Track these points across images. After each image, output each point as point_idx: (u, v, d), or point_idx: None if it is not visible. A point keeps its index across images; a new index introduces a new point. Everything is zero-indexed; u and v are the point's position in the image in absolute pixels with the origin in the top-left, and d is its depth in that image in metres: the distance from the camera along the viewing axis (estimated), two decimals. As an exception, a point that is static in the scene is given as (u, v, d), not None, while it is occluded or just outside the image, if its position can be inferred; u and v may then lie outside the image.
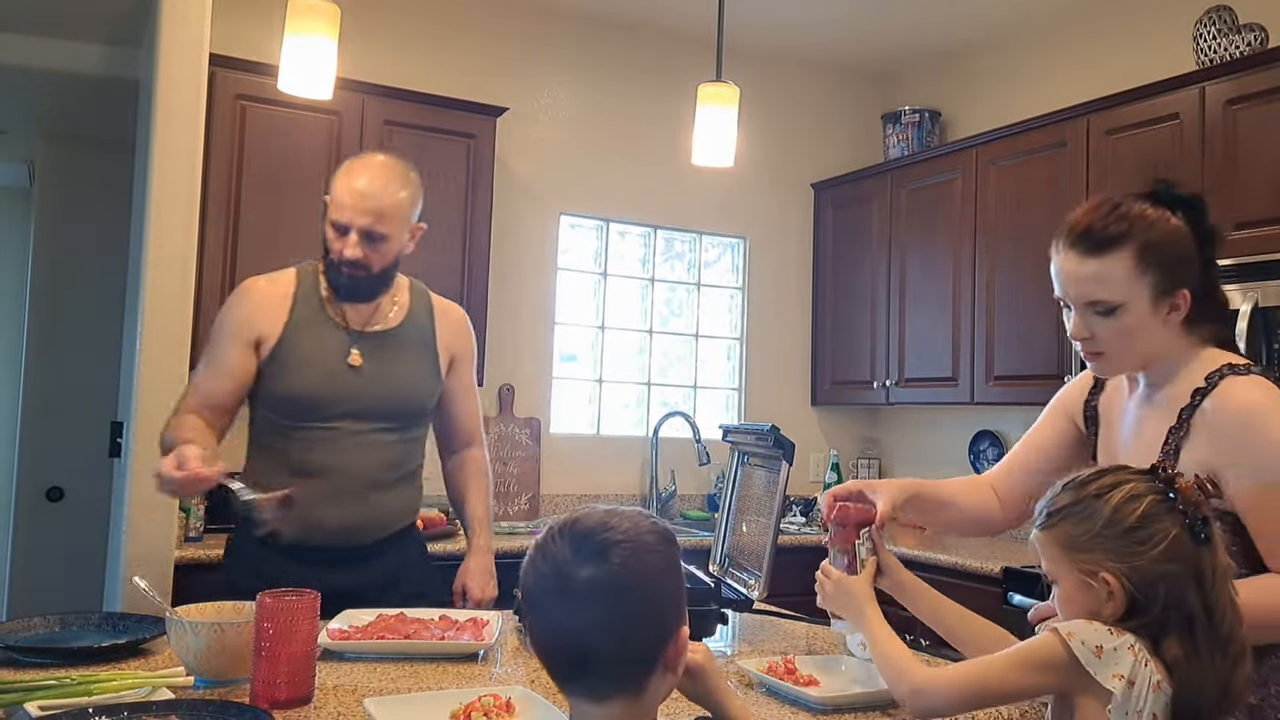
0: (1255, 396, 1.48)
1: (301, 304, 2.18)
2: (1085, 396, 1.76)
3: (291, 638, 1.46)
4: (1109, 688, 1.17)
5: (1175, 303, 1.53)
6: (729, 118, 2.69)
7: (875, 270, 4.38)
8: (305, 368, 2.14)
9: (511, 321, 4.13)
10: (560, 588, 1.04)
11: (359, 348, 2.18)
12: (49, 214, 4.88)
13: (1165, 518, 1.23)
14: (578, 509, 1.11)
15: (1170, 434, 1.53)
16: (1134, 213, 1.53)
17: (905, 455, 4.64)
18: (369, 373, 2.17)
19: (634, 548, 1.05)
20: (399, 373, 2.23)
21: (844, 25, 4.34)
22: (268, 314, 2.16)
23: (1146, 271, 1.51)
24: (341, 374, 2.15)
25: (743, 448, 2.29)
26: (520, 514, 4.03)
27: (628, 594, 1.03)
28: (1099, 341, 1.56)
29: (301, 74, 2.21)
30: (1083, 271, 1.53)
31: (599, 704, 1.06)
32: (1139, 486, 1.26)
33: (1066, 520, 1.28)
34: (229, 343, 2.15)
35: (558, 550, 1.06)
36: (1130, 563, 1.22)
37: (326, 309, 2.19)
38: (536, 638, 1.08)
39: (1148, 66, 3.53)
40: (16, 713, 1.40)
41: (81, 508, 4.69)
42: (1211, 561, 1.23)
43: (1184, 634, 1.21)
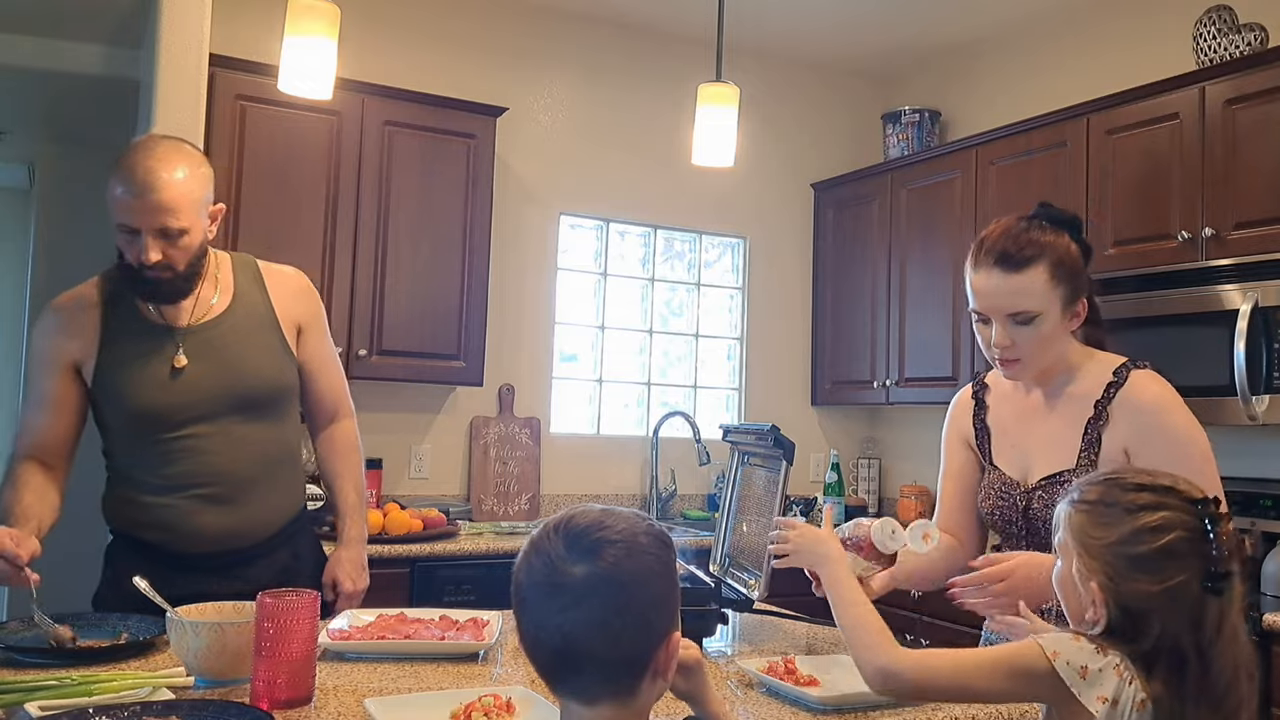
0: (1161, 390, 1.71)
1: (112, 314, 2.00)
2: (971, 417, 1.93)
3: (292, 638, 1.46)
4: (1092, 710, 1.15)
5: (1077, 310, 1.76)
6: (729, 118, 2.69)
7: (875, 270, 4.38)
8: (132, 382, 1.96)
9: (512, 321, 4.13)
10: (552, 584, 1.03)
11: (185, 346, 1.99)
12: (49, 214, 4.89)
13: (1183, 558, 1.18)
14: (574, 507, 1.11)
15: (1089, 424, 1.73)
16: (1044, 235, 1.74)
17: (905, 455, 4.64)
18: (198, 370, 1.99)
19: (627, 548, 1.04)
20: (237, 361, 2.02)
21: (844, 25, 4.34)
22: (78, 334, 1.98)
23: (1059, 284, 1.71)
24: (167, 381, 1.97)
25: (743, 448, 2.29)
26: (520, 514, 4.03)
27: (619, 594, 1.03)
28: (1017, 349, 1.73)
29: (301, 74, 2.21)
30: (1006, 286, 1.71)
31: (589, 706, 1.06)
32: (1173, 517, 1.19)
33: (1089, 515, 1.24)
34: (46, 373, 1.99)
35: (551, 547, 1.05)
36: (1120, 587, 1.19)
37: (142, 312, 2.00)
38: (525, 634, 1.08)
39: (1148, 66, 3.53)
40: (17, 713, 1.40)
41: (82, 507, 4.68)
42: (1219, 615, 1.18)
43: (1172, 675, 1.16)
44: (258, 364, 2.06)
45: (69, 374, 2.00)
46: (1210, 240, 3.08)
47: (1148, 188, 3.28)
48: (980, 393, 1.95)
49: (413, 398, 3.91)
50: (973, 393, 1.96)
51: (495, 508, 4.00)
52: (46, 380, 2.00)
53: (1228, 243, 3.04)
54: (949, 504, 1.97)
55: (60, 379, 2.00)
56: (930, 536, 1.67)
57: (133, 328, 2.00)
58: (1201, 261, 3.08)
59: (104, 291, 2.04)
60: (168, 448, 1.99)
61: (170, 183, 1.88)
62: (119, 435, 2.05)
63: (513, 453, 4.08)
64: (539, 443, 4.14)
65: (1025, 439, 1.83)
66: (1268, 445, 3.22)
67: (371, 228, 3.55)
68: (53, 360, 2.00)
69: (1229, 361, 2.89)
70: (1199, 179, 3.13)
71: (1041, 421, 1.81)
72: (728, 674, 1.78)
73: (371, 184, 3.56)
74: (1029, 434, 1.81)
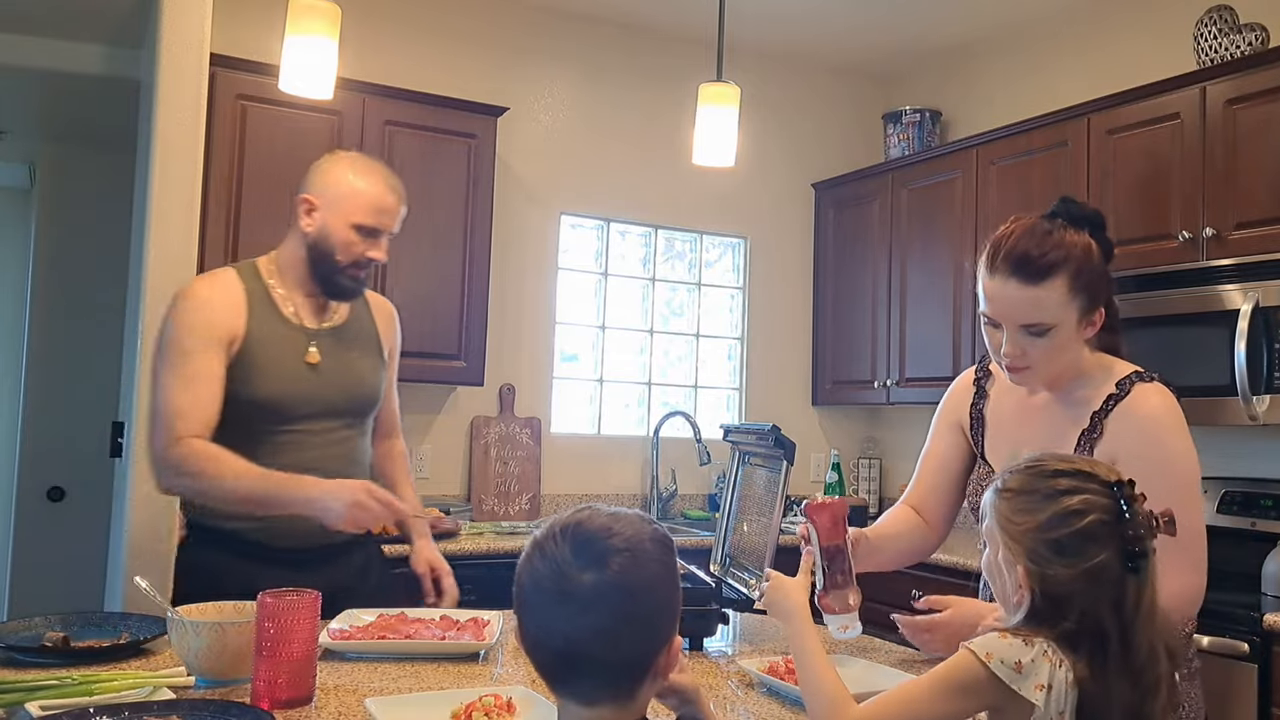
0: (1162, 405, 1.64)
1: (255, 304, 2.11)
2: (970, 402, 1.88)
3: (292, 637, 1.46)
4: (1033, 700, 1.17)
5: (1093, 319, 1.67)
6: (730, 117, 2.69)
7: (876, 270, 4.38)
8: (269, 370, 2.08)
9: (512, 321, 4.13)
10: (558, 589, 1.03)
11: (316, 345, 2.14)
12: (50, 214, 4.89)
13: (1103, 539, 1.21)
14: (580, 508, 1.10)
15: (1083, 436, 1.67)
16: (1066, 240, 1.64)
17: (906, 455, 4.63)
18: (327, 370, 2.14)
19: (634, 556, 1.04)
20: (354, 368, 2.20)
21: (845, 25, 4.34)
22: (231, 314, 2.07)
23: (1077, 296, 1.63)
24: (302, 374, 2.11)
25: (743, 447, 2.29)
26: (521, 514, 4.03)
27: (625, 602, 1.03)
28: (1028, 358, 1.66)
29: (302, 74, 2.21)
30: (1022, 297, 1.62)
31: (588, 707, 1.06)
32: (1091, 500, 1.23)
33: (1012, 502, 1.27)
34: (205, 350, 2.03)
35: (558, 551, 1.05)
36: (1045, 570, 1.22)
37: (280, 308, 2.13)
38: (527, 635, 1.08)
39: (1148, 66, 3.53)
40: (18, 713, 1.40)
41: (82, 508, 4.69)
42: (1137, 593, 1.21)
43: (1095, 654, 1.20)
44: (368, 373, 2.24)
45: (223, 351, 2.06)
46: (1211, 240, 3.08)
47: (1148, 188, 3.28)
48: (983, 380, 1.89)
49: (413, 397, 3.91)
50: (975, 379, 1.91)
51: (496, 508, 4.00)
52: (206, 357, 2.03)
53: (1228, 243, 3.04)
54: (924, 484, 1.94)
55: (217, 355, 2.04)
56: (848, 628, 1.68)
57: (271, 319, 2.12)
58: (1202, 261, 3.08)
59: (244, 283, 2.13)
60: (280, 439, 2.09)
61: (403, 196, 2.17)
62: (237, 423, 2.07)
63: (513, 452, 4.08)
64: (539, 442, 4.14)
65: (1022, 438, 1.77)
66: (1268, 445, 3.22)
67: (372, 227, 3.55)
68: (210, 336, 2.04)
69: (1229, 361, 2.89)
70: (1200, 179, 3.13)
71: (1041, 423, 1.76)
72: (728, 674, 1.78)
73: (372, 184, 3.56)
74: (1026, 433, 1.76)
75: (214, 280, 2.14)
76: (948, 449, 1.91)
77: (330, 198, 2.11)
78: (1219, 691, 2.53)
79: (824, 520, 1.70)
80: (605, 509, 1.09)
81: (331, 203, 2.11)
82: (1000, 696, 1.21)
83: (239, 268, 2.17)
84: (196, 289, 2.12)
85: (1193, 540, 1.60)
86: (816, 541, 1.70)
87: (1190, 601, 1.61)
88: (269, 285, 2.15)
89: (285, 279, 2.16)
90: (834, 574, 1.70)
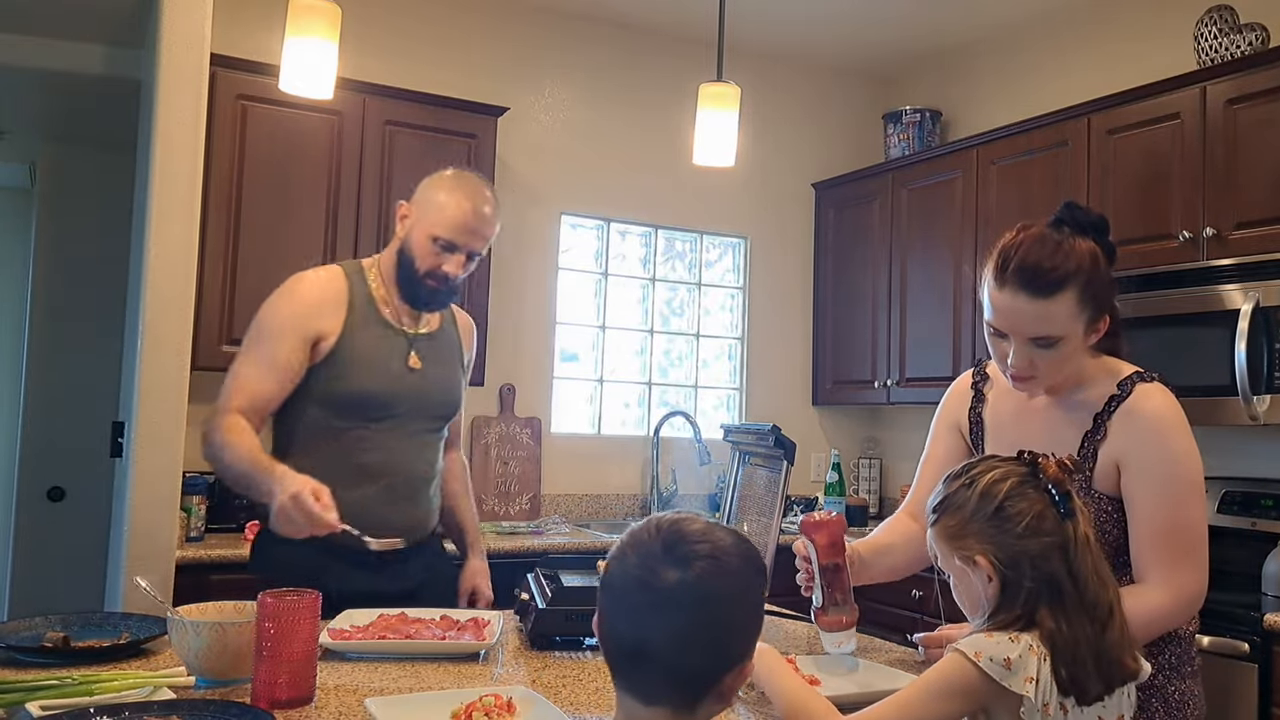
0: (1164, 405, 1.64)
1: (357, 304, 2.17)
2: (968, 406, 1.88)
3: (293, 638, 1.45)
4: (1024, 693, 1.21)
5: (1099, 328, 1.67)
6: (730, 118, 2.69)
7: (876, 270, 4.38)
8: (370, 368, 2.14)
9: (512, 321, 4.13)
10: (641, 582, 1.05)
11: (416, 350, 2.21)
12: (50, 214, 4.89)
13: (1029, 495, 1.30)
14: (682, 512, 1.12)
15: (1086, 438, 1.67)
16: (1076, 250, 1.62)
17: (906, 455, 4.64)
18: (425, 374, 2.22)
19: (719, 564, 1.06)
20: (447, 374, 2.28)
21: (845, 25, 4.34)
22: (328, 311, 2.14)
23: (1086, 307, 1.62)
24: (404, 375, 2.18)
25: (744, 447, 2.29)
26: (521, 514, 4.03)
27: (701, 607, 1.05)
28: (1035, 369, 1.66)
29: (302, 74, 2.21)
30: (1032, 311, 1.60)
31: (647, 706, 1.06)
32: (1003, 470, 1.33)
33: (945, 513, 1.34)
34: (287, 339, 2.10)
35: (651, 544, 1.07)
36: (997, 541, 1.28)
37: (381, 311, 2.20)
38: (603, 623, 1.09)
39: (1149, 66, 3.53)
40: (18, 713, 1.40)
41: (83, 508, 4.69)
42: (1074, 532, 1.29)
43: (1054, 604, 1.26)
44: (457, 380, 2.32)
45: (307, 344, 2.11)
46: (1211, 240, 3.08)
47: (1149, 188, 3.28)
48: (980, 384, 1.89)
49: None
50: (972, 382, 1.90)
51: (496, 508, 4.00)
52: (282, 343, 2.09)
53: (1229, 243, 3.04)
54: (924, 488, 1.90)
55: (299, 347, 2.10)
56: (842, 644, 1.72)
57: (372, 320, 2.18)
58: (1202, 261, 3.08)
59: (349, 282, 2.19)
60: (369, 436, 2.14)
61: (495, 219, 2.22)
62: (324, 415, 2.14)
63: (514, 452, 4.07)
64: (540, 442, 4.14)
65: (1022, 440, 1.72)
66: (1268, 445, 3.22)
67: (372, 228, 3.55)
68: (297, 327, 2.11)
69: (1230, 361, 2.89)
70: (1200, 179, 3.13)
71: (1042, 425, 1.74)
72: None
73: (372, 184, 3.56)
74: (1027, 436, 1.73)
75: (318, 275, 2.20)
76: (947, 453, 1.91)
77: (420, 209, 2.19)
78: (1219, 691, 2.53)
79: (822, 540, 1.72)
80: (707, 520, 1.11)
81: (419, 214, 2.18)
82: (989, 695, 1.23)
83: (346, 266, 2.24)
84: (299, 281, 2.18)
85: (1195, 540, 1.61)
86: (815, 558, 1.71)
87: (1192, 601, 1.61)
88: (371, 286, 2.21)
89: (385, 282, 2.23)
90: (833, 592, 1.71)
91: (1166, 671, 1.63)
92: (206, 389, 3.40)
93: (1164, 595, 1.58)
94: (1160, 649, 1.64)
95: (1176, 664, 1.65)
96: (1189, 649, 1.68)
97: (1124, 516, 1.65)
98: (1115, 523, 1.66)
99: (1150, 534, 1.61)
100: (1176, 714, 1.63)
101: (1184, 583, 1.59)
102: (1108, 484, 1.66)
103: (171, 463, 2.88)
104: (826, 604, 1.71)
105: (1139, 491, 1.63)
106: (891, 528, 1.99)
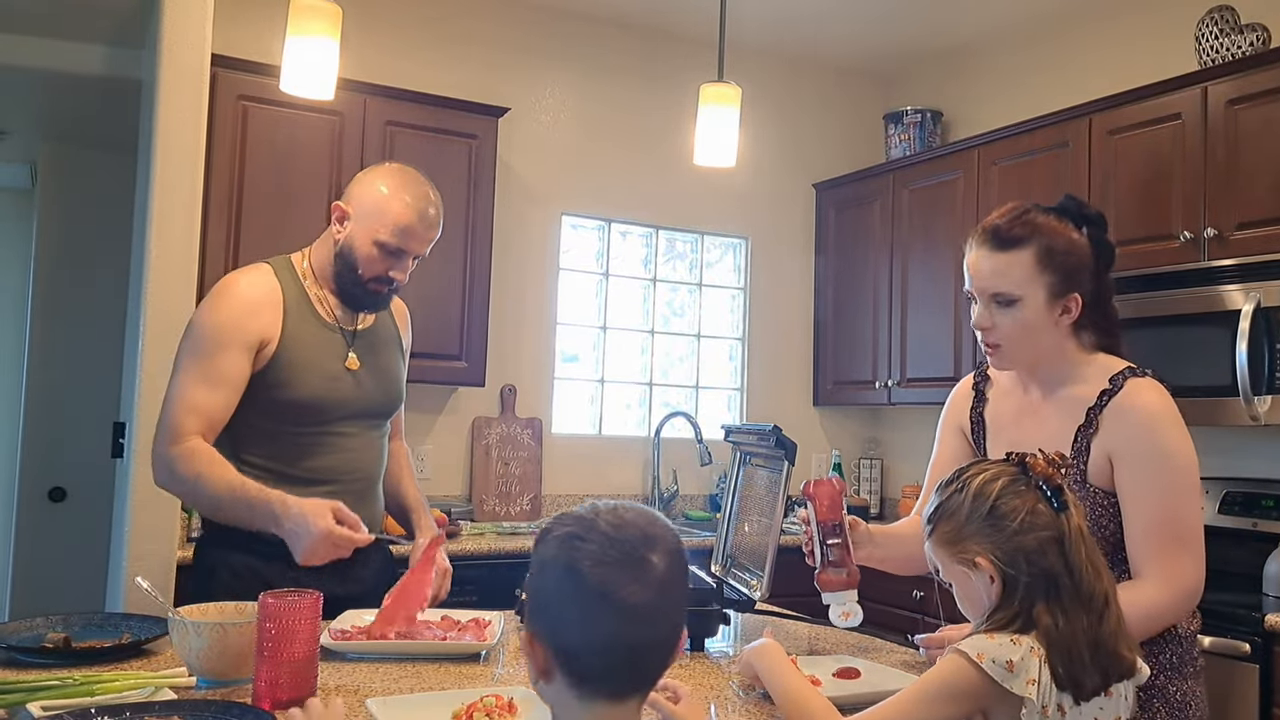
0: (1156, 399, 1.65)
1: (291, 304, 2.08)
2: (970, 407, 1.91)
3: (294, 638, 1.45)
4: (1025, 695, 1.21)
5: (1067, 305, 1.70)
6: (731, 118, 2.69)
7: (877, 270, 4.38)
8: (309, 372, 2.05)
9: (513, 322, 4.13)
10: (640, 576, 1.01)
11: (354, 349, 2.13)
12: (51, 214, 4.88)
13: (1021, 493, 1.31)
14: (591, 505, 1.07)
15: (1079, 432, 1.69)
16: (1038, 220, 1.71)
17: (907, 455, 4.64)
18: (365, 374, 2.14)
19: (678, 537, 1.08)
20: (386, 371, 2.21)
21: (846, 25, 4.34)
22: (266, 314, 2.04)
23: (1044, 272, 1.68)
24: (342, 377, 2.10)
25: (745, 448, 2.28)
26: (522, 514, 4.03)
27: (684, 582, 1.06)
28: (998, 333, 1.72)
29: (303, 74, 2.21)
30: (988, 265, 1.71)
31: (620, 703, 1.04)
32: (993, 471, 1.35)
33: (941, 521, 1.36)
34: (230, 349, 1.99)
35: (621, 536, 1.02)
36: (995, 540, 1.29)
37: (316, 309, 2.11)
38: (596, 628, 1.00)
39: (1150, 66, 3.53)
40: (19, 713, 1.40)
41: (84, 508, 4.69)
42: (1069, 524, 1.29)
43: (1051, 598, 1.26)
44: (397, 376, 2.25)
45: (251, 352, 2.01)
46: (1212, 240, 3.08)
47: (1150, 188, 3.28)
48: (981, 384, 1.92)
49: (414, 398, 3.88)
50: (974, 383, 1.93)
51: (497, 508, 4.00)
52: (229, 357, 1.99)
53: (1230, 243, 3.04)
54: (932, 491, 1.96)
55: (243, 356, 2.00)
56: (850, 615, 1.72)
57: (308, 319, 2.09)
58: (1204, 262, 3.08)
59: (280, 280, 2.10)
60: (317, 441, 2.08)
61: (441, 220, 2.14)
62: (268, 425, 2.06)
63: (515, 453, 4.07)
64: (541, 443, 4.14)
65: (1021, 438, 1.77)
66: (1269, 445, 3.22)
67: (373, 228, 3.54)
68: (237, 338, 2.00)
69: (1231, 362, 2.89)
70: (1201, 179, 3.13)
71: (1038, 423, 1.77)
72: (729, 674, 1.78)
73: (373, 184, 3.56)
74: (1025, 435, 1.76)
75: (251, 278, 2.08)
76: (954, 454, 1.93)
77: (361, 210, 2.08)
78: (1221, 692, 2.53)
79: (821, 497, 1.73)
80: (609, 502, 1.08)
81: (360, 215, 2.08)
82: (990, 697, 1.23)
83: (274, 264, 2.13)
84: (233, 286, 2.07)
85: (1190, 533, 1.61)
86: (814, 519, 1.72)
87: (1189, 594, 1.61)
88: (305, 285, 2.12)
89: (319, 279, 2.14)
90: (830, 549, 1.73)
91: (1168, 672, 1.63)
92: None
93: (1160, 589, 1.58)
94: (1162, 649, 1.64)
95: (1178, 664, 1.65)
96: (1190, 649, 1.68)
97: (1120, 511, 1.66)
98: (1111, 517, 1.66)
99: (1144, 528, 1.62)
100: (1179, 714, 1.63)
101: (1180, 576, 1.59)
102: (1102, 479, 1.66)
103: (172, 463, 2.88)
104: (825, 563, 1.73)
105: (1132, 485, 1.64)
106: (904, 523, 2.02)
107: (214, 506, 1.97)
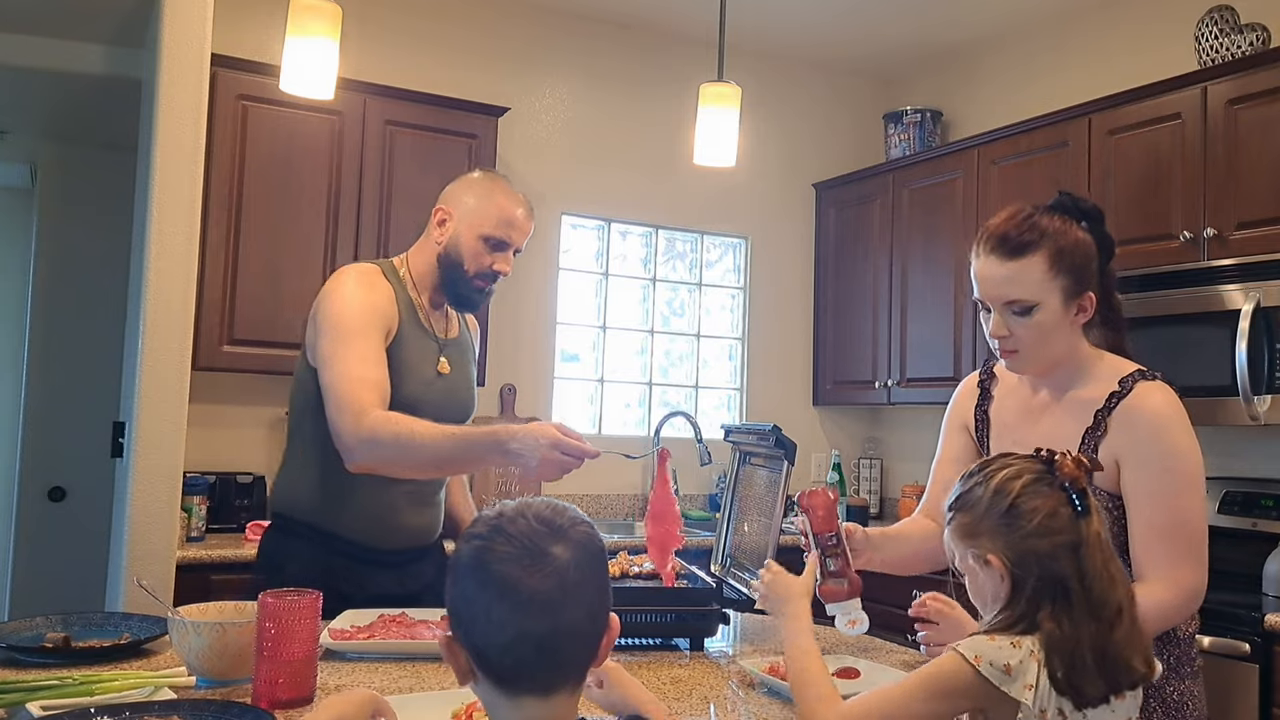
0: (1165, 403, 1.65)
1: (401, 304, 2.14)
2: (975, 404, 1.90)
3: (293, 638, 1.46)
4: (1022, 699, 1.20)
5: (1082, 304, 1.69)
6: (731, 118, 2.69)
7: (877, 270, 4.38)
8: (408, 372, 2.10)
9: (513, 321, 4.13)
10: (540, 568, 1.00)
11: (445, 355, 2.21)
12: (51, 214, 4.88)
13: (1043, 493, 1.28)
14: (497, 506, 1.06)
15: (1087, 434, 1.68)
16: (1044, 223, 1.68)
17: (907, 455, 4.64)
18: (452, 381, 2.21)
19: (589, 526, 1.06)
20: (467, 380, 2.29)
21: (846, 25, 4.34)
22: (391, 309, 2.10)
23: (1058, 275, 1.66)
24: (435, 382, 2.17)
25: (744, 448, 2.29)
26: (522, 514, 4.02)
27: (597, 570, 1.04)
28: (1016, 340, 1.69)
29: (303, 74, 2.21)
30: (1001, 274, 1.67)
31: (547, 698, 1.03)
32: (1017, 467, 1.31)
33: (960, 511, 1.34)
34: (373, 333, 2.04)
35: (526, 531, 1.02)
36: (1008, 539, 1.27)
37: (419, 314, 2.18)
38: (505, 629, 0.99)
39: (1149, 66, 3.53)
40: (19, 713, 1.40)
41: (83, 508, 4.69)
42: (1088, 530, 1.27)
43: (1058, 604, 1.24)
44: (473, 385, 2.33)
45: (384, 337, 2.06)
46: (1212, 240, 3.08)
47: (1150, 188, 3.28)
48: (986, 382, 1.90)
49: (414, 398, 3.91)
50: (979, 381, 1.92)
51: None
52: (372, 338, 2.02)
53: (1230, 243, 3.04)
54: (938, 487, 1.94)
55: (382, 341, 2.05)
56: (856, 623, 1.69)
57: (414, 324, 2.16)
58: (1203, 262, 3.08)
59: (388, 279, 2.15)
60: None
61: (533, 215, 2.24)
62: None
63: (514, 453, 4.06)
64: (540, 443, 4.13)
65: (1026, 439, 1.76)
66: (1269, 445, 3.22)
67: (373, 228, 3.55)
68: (378, 321, 2.06)
69: (1230, 362, 2.89)
70: (1201, 179, 3.13)
71: (1045, 423, 1.76)
72: (729, 674, 1.78)
73: (373, 184, 3.56)
74: (1030, 434, 1.75)
75: (369, 272, 2.13)
76: (958, 452, 1.93)
77: (462, 210, 2.16)
78: (1220, 692, 2.53)
79: (816, 509, 1.73)
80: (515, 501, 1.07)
81: (463, 214, 2.16)
82: (987, 698, 1.22)
83: (381, 266, 2.18)
84: (361, 277, 2.10)
85: (1195, 537, 1.61)
86: (810, 531, 1.71)
87: (1191, 597, 1.61)
88: (409, 290, 2.18)
89: (418, 286, 2.20)
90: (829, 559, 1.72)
91: (1166, 672, 1.63)
92: (206, 389, 3.41)
93: (1165, 592, 1.58)
94: (1160, 650, 1.64)
95: (1176, 665, 1.65)
96: (1189, 650, 1.68)
97: (1123, 515, 1.65)
98: (1116, 520, 1.66)
99: (1150, 531, 1.61)
100: (1175, 714, 1.63)
101: (1184, 579, 1.59)
102: (1108, 481, 1.66)
103: (172, 463, 2.88)
104: (825, 574, 1.72)
105: (1138, 488, 1.63)
106: (906, 522, 2.01)
107: (433, 457, 1.96)
